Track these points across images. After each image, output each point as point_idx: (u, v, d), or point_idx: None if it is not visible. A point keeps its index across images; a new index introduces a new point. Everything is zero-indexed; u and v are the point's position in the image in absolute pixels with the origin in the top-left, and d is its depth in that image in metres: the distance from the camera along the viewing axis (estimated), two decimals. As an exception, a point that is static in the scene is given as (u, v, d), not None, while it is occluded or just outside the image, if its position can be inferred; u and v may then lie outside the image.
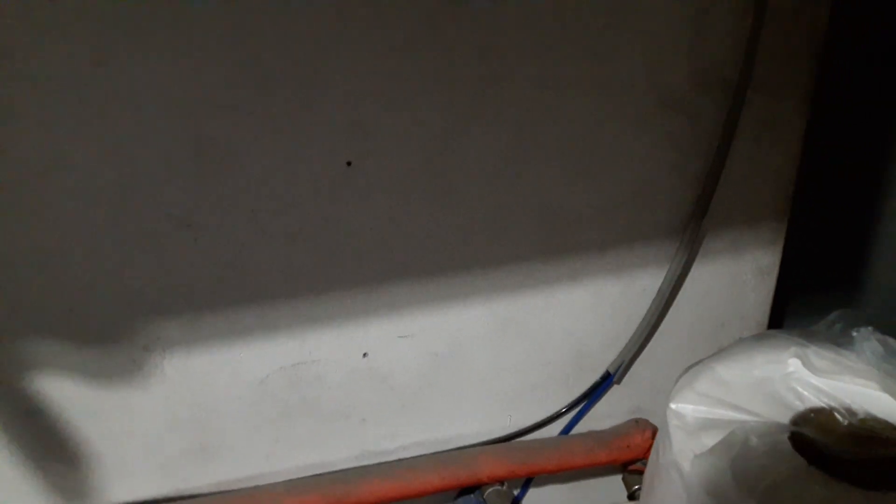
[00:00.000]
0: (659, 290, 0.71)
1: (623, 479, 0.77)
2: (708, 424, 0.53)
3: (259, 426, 0.66)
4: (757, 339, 0.60)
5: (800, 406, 0.54)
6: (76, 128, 0.52)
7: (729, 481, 0.48)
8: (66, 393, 0.60)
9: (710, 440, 0.51)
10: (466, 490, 0.74)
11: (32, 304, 0.57)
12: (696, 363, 0.59)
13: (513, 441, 0.74)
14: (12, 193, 0.53)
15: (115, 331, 0.60)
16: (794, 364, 0.57)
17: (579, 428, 0.76)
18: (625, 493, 0.77)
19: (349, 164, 0.59)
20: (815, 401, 0.54)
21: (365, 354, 0.67)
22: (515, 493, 0.77)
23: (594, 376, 0.75)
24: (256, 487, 0.66)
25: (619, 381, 0.75)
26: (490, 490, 0.72)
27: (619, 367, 0.74)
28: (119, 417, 0.63)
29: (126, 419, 0.63)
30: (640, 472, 0.76)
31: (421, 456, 0.71)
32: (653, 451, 0.60)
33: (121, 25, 0.50)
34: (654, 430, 0.75)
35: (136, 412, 0.63)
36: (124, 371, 0.61)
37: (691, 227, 0.69)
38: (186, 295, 0.60)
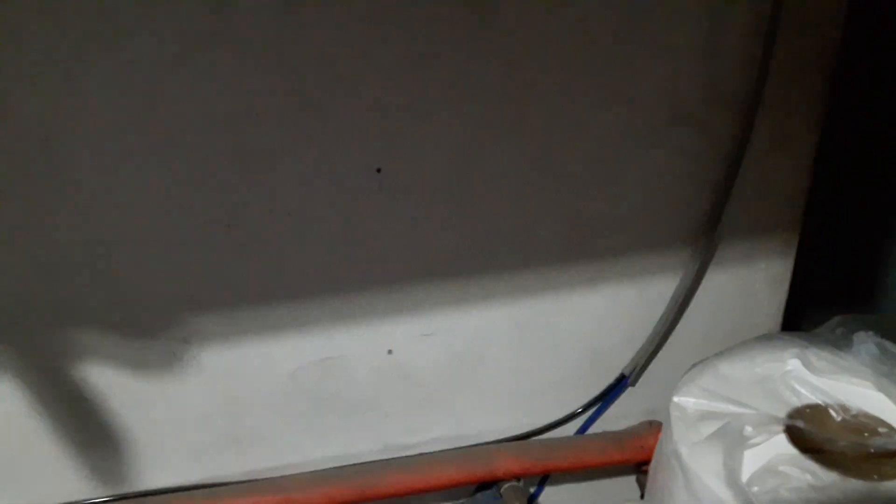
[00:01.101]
0: (673, 296, 0.74)
1: (637, 479, 0.80)
2: (707, 416, 0.56)
3: (289, 418, 0.70)
4: (760, 339, 0.63)
5: (797, 402, 0.57)
6: (131, 136, 0.56)
7: (723, 467, 0.50)
8: (108, 381, 0.65)
9: (708, 430, 0.54)
10: (484, 485, 0.77)
11: (82, 296, 0.61)
12: (701, 361, 0.62)
13: (529, 439, 0.77)
14: (68, 192, 0.57)
15: (157, 324, 0.64)
16: (793, 363, 0.60)
17: (594, 428, 0.79)
18: (639, 493, 0.79)
19: (379, 170, 0.62)
20: (811, 398, 0.57)
21: (390, 351, 0.70)
22: (532, 490, 0.80)
23: (609, 378, 0.77)
24: (285, 476, 0.70)
25: (633, 384, 0.78)
26: (507, 486, 0.75)
27: (634, 369, 0.76)
28: (157, 406, 0.67)
29: (164, 408, 0.67)
30: (653, 473, 0.78)
31: (441, 451, 0.74)
32: (658, 443, 0.62)
33: (174, 43, 0.54)
34: (667, 433, 0.77)
35: (174, 402, 0.67)
36: (164, 362, 0.65)
37: (705, 235, 0.72)
38: (224, 291, 0.64)
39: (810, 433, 0.54)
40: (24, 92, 0.53)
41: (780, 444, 0.53)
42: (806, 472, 0.49)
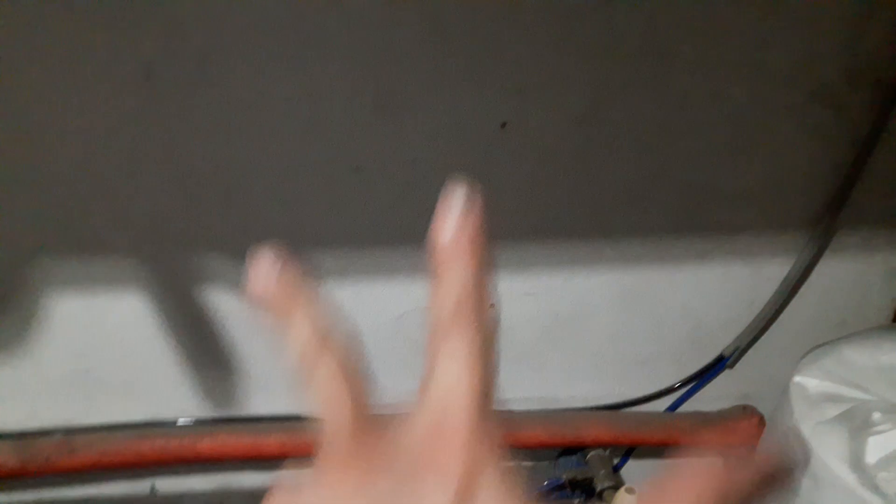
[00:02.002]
0: (784, 280, 0.72)
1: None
2: (830, 399, 0.54)
3: (390, 359, 0.71)
4: (888, 327, 0.61)
5: (927, 396, 0.55)
6: (276, 70, 0.59)
7: (848, 449, 0.49)
8: (229, 308, 0.68)
9: (831, 412, 0.53)
10: (568, 451, 0.78)
11: (212, 222, 0.65)
12: (823, 344, 0.60)
13: (621, 410, 0.77)
14: (208, 118, 0.60)
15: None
16: (925, 356, 0.57)
17: (686, 407, 0.78)
18: (724, 477, 0.78)
19: (504, 125, 0.63)
20: (943, 393, 0.55)
21: (491, 306, 0.71)
22: (616, 461, 0.80)
23: (707, 358, 0.76)
24: (383, 416, 0.72)
25: (731, 366, 0.77)
26: (593, 453, 0.76)
27: (735, 351, 0.75)
28: (270, 335, 0.70)
29: (275, 338, 0.70)
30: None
31: (531, 410, 0.75)
32: (768, 426, 0.61)
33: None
34: (762, 419, 0.76)
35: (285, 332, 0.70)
36: (282, 293, 0.68)
37: (825, 219, 0.70)
38: (344, 230, 0.66)
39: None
40: (191, 11, 0.55)
41: None
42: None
